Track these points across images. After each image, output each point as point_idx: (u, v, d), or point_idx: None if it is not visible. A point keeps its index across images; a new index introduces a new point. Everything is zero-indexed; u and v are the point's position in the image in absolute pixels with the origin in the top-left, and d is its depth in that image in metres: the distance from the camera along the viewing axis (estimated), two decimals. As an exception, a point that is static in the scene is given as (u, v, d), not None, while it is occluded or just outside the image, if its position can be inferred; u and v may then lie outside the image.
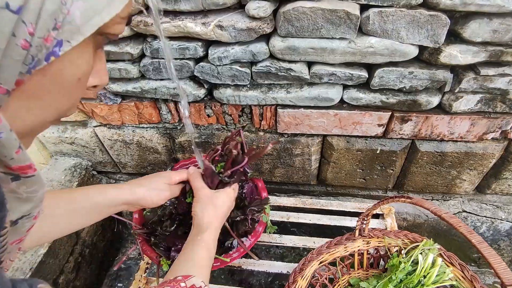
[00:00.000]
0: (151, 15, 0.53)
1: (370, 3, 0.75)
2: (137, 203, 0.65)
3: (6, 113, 0.23)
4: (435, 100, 0.92)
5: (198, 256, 0.58)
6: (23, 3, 0.19)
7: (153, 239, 0.87)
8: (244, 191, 0.99)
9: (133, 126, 1.15)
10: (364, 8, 0.78)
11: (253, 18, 0.80)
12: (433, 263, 0.71)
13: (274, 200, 1.20)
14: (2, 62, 0.20)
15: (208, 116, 1.08)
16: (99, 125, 1.16)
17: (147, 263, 1.03)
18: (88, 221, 0.60)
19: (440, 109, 0.96)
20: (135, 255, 1.45)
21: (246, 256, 1.00)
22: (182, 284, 0.49)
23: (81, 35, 0.24)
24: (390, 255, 0.87)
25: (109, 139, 1.18)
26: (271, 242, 1.10)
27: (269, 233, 1.01)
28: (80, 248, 1.20)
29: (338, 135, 1.07)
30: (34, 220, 0.28)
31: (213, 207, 0.66)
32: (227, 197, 0.70)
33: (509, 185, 1.13)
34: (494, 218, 1.22)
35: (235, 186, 0.75)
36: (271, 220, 1.02)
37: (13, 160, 0.22)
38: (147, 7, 0.84)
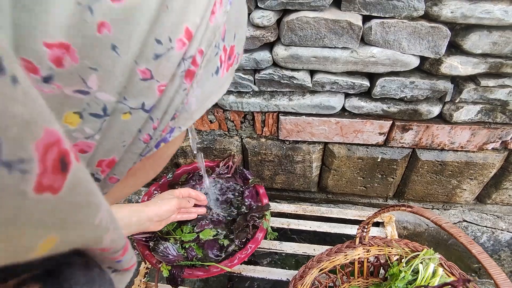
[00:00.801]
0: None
1: (372, 14, 0.77)
2: (156, 215, 0.70)
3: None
4: (435, 109, 0.93)
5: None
6: (156, 102, 0.18)
7: (151, 244, 0.87)
8: (245, 195, 1.00)
9: (136, 131, 1.16)
10: (366, 19, 0.79)
11: (257, 26, 0.81)
12: (434, 273, 0.71)
13: (275, 206, 1.21)
14: (123, 156, 0.20)
15: (211, 122, 1.09)
16: (102, 129, 1.17)
17: (147, 268, 1.03)
18: None
19: (441, 118, 0.97)
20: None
21: (246, 262, 1.00)
22: None
23: (192, 120, 0.22)
24: (390, 264, 0.87)
25: (111, 143, 1.19)
26: (271, 249, 1.10)
27: (270, 239, 1.01)
28: (80, 252, 1.20)
29: (339, 143, 1.08)
30: None
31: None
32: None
33: (509, 195, 1.13)
34: (495, 228, 1.21)
35: None
36: (271, 227, 1.02)
37: (118, 259, 0.19)
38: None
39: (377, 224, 1.16)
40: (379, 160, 1.08)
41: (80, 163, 0.12)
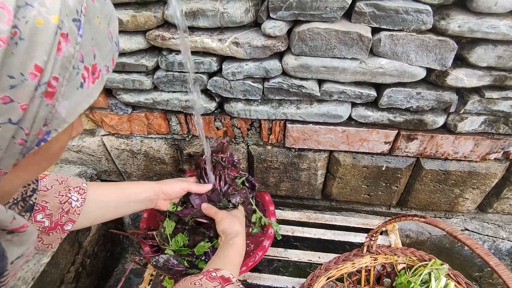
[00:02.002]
0: (179, 34, 0.55)
1: (382, 27, 0.78)
2: (161, 191, 0.81)
3: None
4: (440, 120, 0.95)
5: (229, 255, 0.69)
6: (22, 117, 0.24)
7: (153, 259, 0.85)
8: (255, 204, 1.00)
9: (141, 136, 1.16)
10: (375, 31, 0.81)
11: (268, 36, 0.82)
12: (445, 286, 0.71)
13: (279, 214, 1.21)
14: (3, 156, 0.26)
15: (217, 128, 1.09)
16: (107, 134, 1.17)
17: (151, 275, 1.02)
18: (129, 210, 0.77)
19: (445, 129, 0.99)
20: (135, 266, 1.42)
21: (252, 270, 1.00)
22: (213, 274, 0.58)
23: (66, 123, 0.29)
24: (397, 273, 0.87)
25: (116, 148, 1.18)
26: (276, 256, 1.10)
27: (277, 236, 0.97)
28: (81, 258, 1.19)
29: (345, 151, 1.09)
30: (27, 258, 0.34)
31: (237, 218, 0.81)
32: (240, 212, 0.88)
33: (510, 204, 1.15)
34: (496, 237, 1.23)
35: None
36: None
37: (7, 226, 0.29)
38: (164, 22, 0.87)
39: (380, 232, 1.16)
40: (383, 168, 1.09)
41: None
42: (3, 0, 0.21)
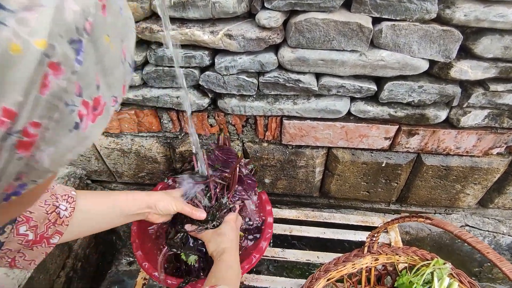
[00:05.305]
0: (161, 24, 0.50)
1: (383, 17, 0.74)
2: (156, 206, 0.76)
3: None
4: (443, 114, 0.91)
5: (221, 271, 0.68)
6: None
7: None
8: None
9: (132, 135, 1.11)
10: (376, 21, 0.76)
11: (263, 28, 0.77)
12: (449, 286, 0.69)
13: (276, 212, 1.17)
14: None
15: (211, 125, 1.04)
16: (96, 133, 1.12)
17: (144, 279, 0.98)
18: (118, 222, 0.73)
19: (448, 123, 0.96)
20: (128, 268, 1.39)
21: (249, 271, 0.97)
22: None
23: (50, 173, 0.23)
24: (398, 273, 0.85)
25: (106, 148, 1.13)
26: (273, 257, 1.06)
27: None
28: (72, 262, 1.14)
29: (343, 148, 1.05)
30: None
31: (223, 236, 0.78)
32: (228, 225, 0.82)
33: (511, 199, 1.13)
34: (496, 233, 1.21)
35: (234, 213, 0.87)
36: (274, 233, 0.99)
37: None
38: (152, 14, 0.82)
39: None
40: (383, 165, 1.06)
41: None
42: None
